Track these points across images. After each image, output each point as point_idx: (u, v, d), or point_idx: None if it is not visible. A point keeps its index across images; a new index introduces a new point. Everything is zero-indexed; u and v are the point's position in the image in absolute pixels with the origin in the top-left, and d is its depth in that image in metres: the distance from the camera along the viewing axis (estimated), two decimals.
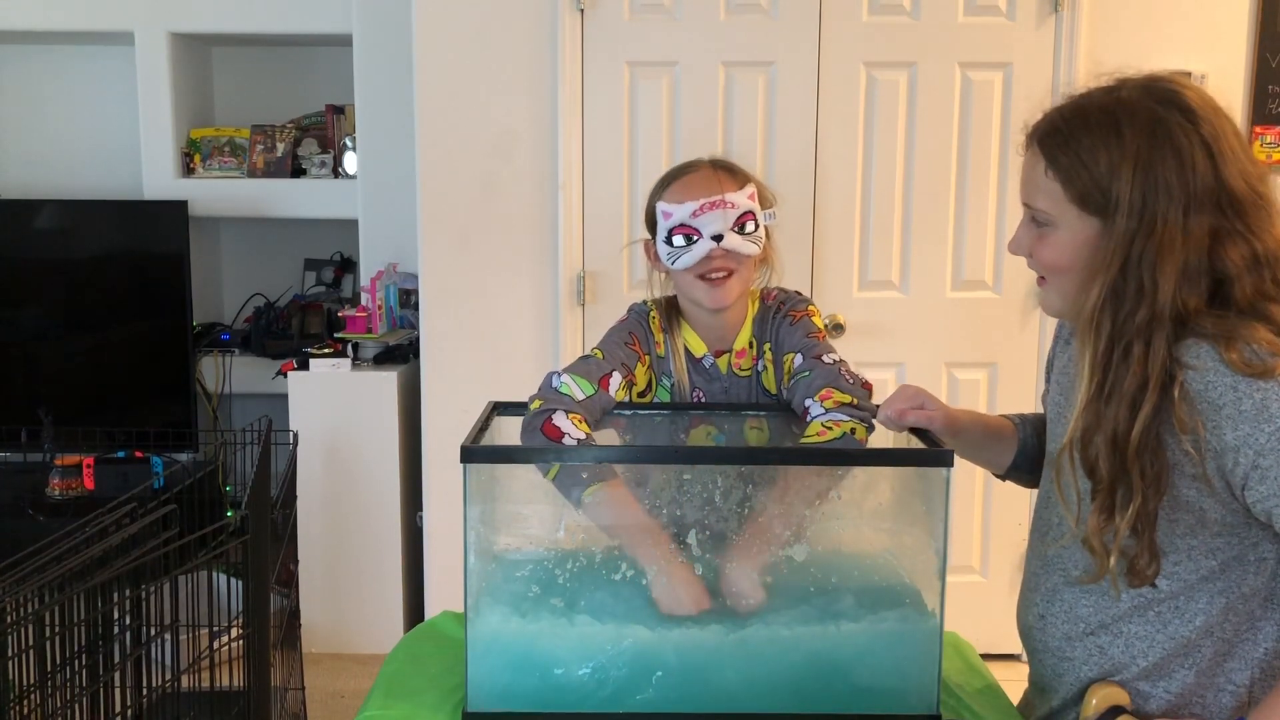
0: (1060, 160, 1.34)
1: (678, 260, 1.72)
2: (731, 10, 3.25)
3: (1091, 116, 1.33)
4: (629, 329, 1.80)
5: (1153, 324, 1.28)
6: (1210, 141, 1.29)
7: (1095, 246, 1.33)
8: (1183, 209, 1.28)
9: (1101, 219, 1.32)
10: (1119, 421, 1.29)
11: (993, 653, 3.24)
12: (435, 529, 3.43)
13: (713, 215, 1.70)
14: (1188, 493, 1.31)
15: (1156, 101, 1.31)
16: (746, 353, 1.79)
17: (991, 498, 3.40)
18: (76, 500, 3.44)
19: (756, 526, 1.49)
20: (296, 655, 2.77)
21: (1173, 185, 1.28)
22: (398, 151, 3.63)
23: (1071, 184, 1.33)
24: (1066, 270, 1.37)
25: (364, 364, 3.57)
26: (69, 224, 3.83)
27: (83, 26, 3.82)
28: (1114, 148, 1.30)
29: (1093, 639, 1.42)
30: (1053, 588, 1.46)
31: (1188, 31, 3.22)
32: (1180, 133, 1.28)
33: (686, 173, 1.78)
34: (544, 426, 1.58)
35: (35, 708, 1.64)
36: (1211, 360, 1.27)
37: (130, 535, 1.81)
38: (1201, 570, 1.35)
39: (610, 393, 1.68)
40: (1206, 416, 1.27)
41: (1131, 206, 1.29)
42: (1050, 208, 1.36)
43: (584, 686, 1.43)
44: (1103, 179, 1.30)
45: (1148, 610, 1.38)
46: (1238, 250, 1.29)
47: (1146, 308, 1.28)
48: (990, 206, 3.32)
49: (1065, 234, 1.36)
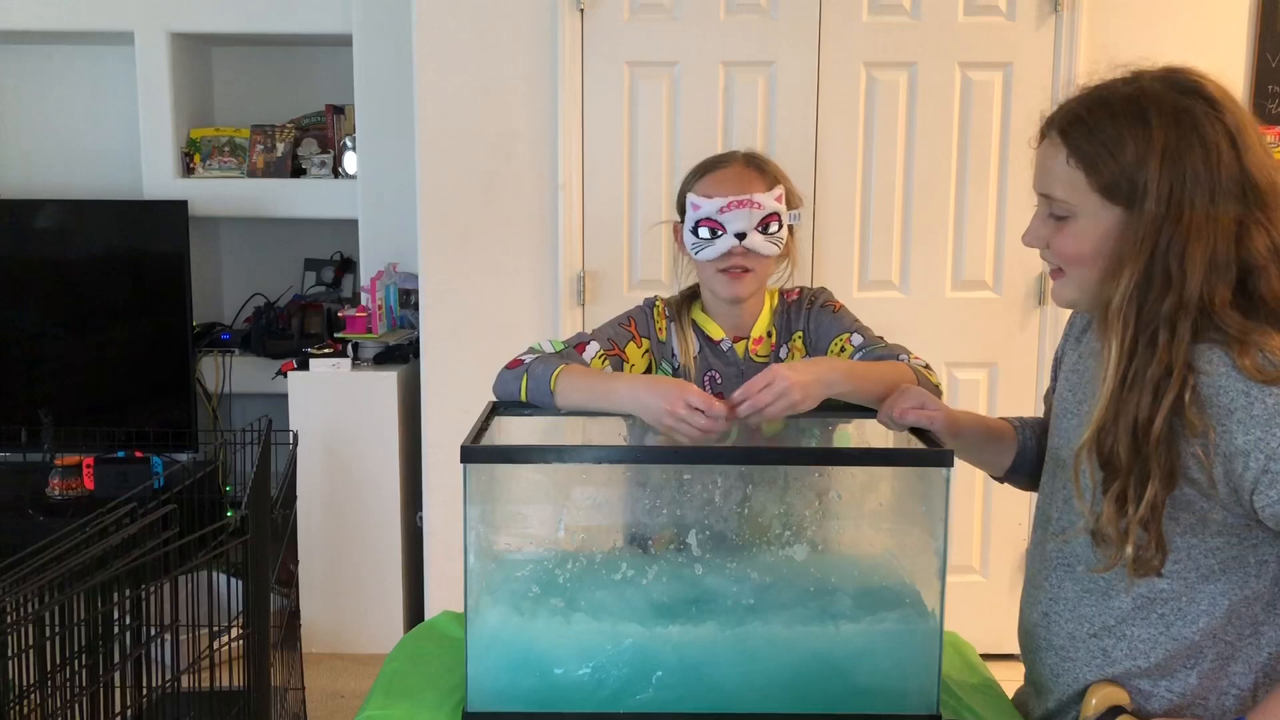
0: (1084, 149, 1.33)
1: (700, 252, 1.82)
2: (731, 10, 3.25)
3: (1115, 105, 1.33)
4: (629, 314, 1.92)
5: (1179, 313, 1.28)
6: (1234, 131, 1.29)
7: (1117, 236, 1.33)
8: (1210, 197, 1.28)
9: (1125, 208, 1.32)
10: (1140, 409, 1.29)
11: (993, 653, 3.24)
12: (435, 529, 3.43)
13: (739, 214, 1.78)
14: (1193, 493, 1.31)
15: (1180, 92, 1.31)
16: (764, 340, 1.89)
17: (991, 498, 3.40)
18: (76, 500, 3.44)
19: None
20: (296, 655, 2.77)
21: (1200, 173, 1.28)
22: (398, 151, 3.63)
23: (1096, 173, 1.33)
24: (1086, 260, 1.37)
25: (364, 364, 3.57)
26: (69, 224, 3.82)
27: (83, 26, 3.81)
28: (1140, 136, 1.30)
29: (1096, 641, 1.42)
30: (1056, 585, 1.46)
31: (1188, 31, 3.22)
32: (1206, 122, 1.29)
33: (720, 166, 1.85)
34: (509, 364, 1.75)
35: (35, 708, 1.64)
36: (1224, 365, 1.27)
37: (130, 535, 1.81)
38: (1201, 569, 1.35)
39: (584, 358, 1.80)
40: (1217, 420, 1.27)
41: (1159, 195, 1.29)
42: (1070, 197, 1.35)
43: (584, 686, 1.43)
44: (1129, 167, 1.30)
45: (1150, 612, 1.38)
46: (1261, 240, 1.29)
47: (1174, 296, 1.28)
48: (990, 206, 3.32)
49: (1086, 224, 1.35)
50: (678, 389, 1.57)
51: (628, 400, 1.62)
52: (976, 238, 3.33)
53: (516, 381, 1.71)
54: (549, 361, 1.71)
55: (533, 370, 1.70)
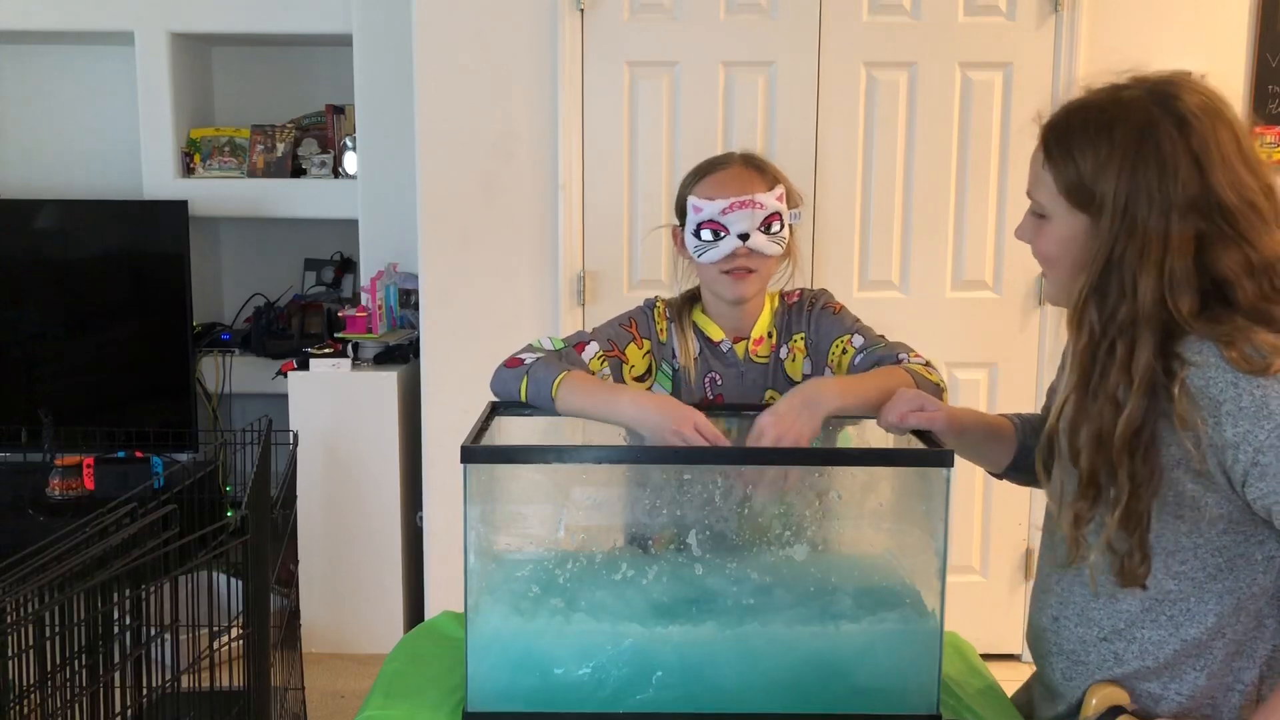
0: (1054, 154, 1.37)
1: (704, 254, 1.82)
2: (731, 10, 3.25)
3: (1089, 114, 1.35)
4: (630, 315, 1.91)
5: (1136, 324, 1.30)
6: (1199, 151, 1.29)
7: (1082, 243, 1.36)
8: (1163, 214, 1.29)
9: (1089, 215, 1.34)
10: (1104, 419, 1.31)
11: (993, 653, 3.25)
12: (435, 529, 3.43)
13: (741, 214, 1.78)
14: (1192, 489, 1.31)
15: (1155, 104, 1.32)
16: (764, 341, 1.88)
17: (991, 498, 3.40)
18: (76, 500, 3.44)
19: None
20: (296, 655, 2.77)
21: (1154, 191, 1.29)
22: (398, 151, 3.63)
23: (1061, 178, 1.36)
24: (1056, 262, 1.41)
25: (364, 364, 3.57)
26: (69, 224, 3.82)
27: (83, 26, 3.81)
28: (1102, 147, 1.32)
29: (1107, 644, 1.42)
30: (1065, 589, 1.46)
31: (1188, 31, 3.22)
32: (1167, 140, 1.30)
33: (719, 168, 1.86)
34: (507, 361, 1.74)
35: (35, 708, 1.63)
36: (1213, 357, 1.28)
37: (130, 535, 1.81)
38: (1208, 568, 1.35)
39: (584, 358, 1.80)
40: (1207, 413, 1.27)
41: (1115, 207, 1.31)
42: (1046, 200, 1.40)
43: (584, 686, 1.43)
44: (1088, 177, 1.33)
45: (1160, 614, 1.38)
46: (1231, 256, 1.30)
47: (1128, 307, 1.31)
48: (990, 206, 3.32)
49: (1057, 227, 1.39)
50: (688, 412, 1.57)
51: (631, 412, 1.61)
52: (976, 238, 3.33)
53: (516, 381, 1.70)
54: (551, 365, 1.70)
55: (534, 372, 1.69)
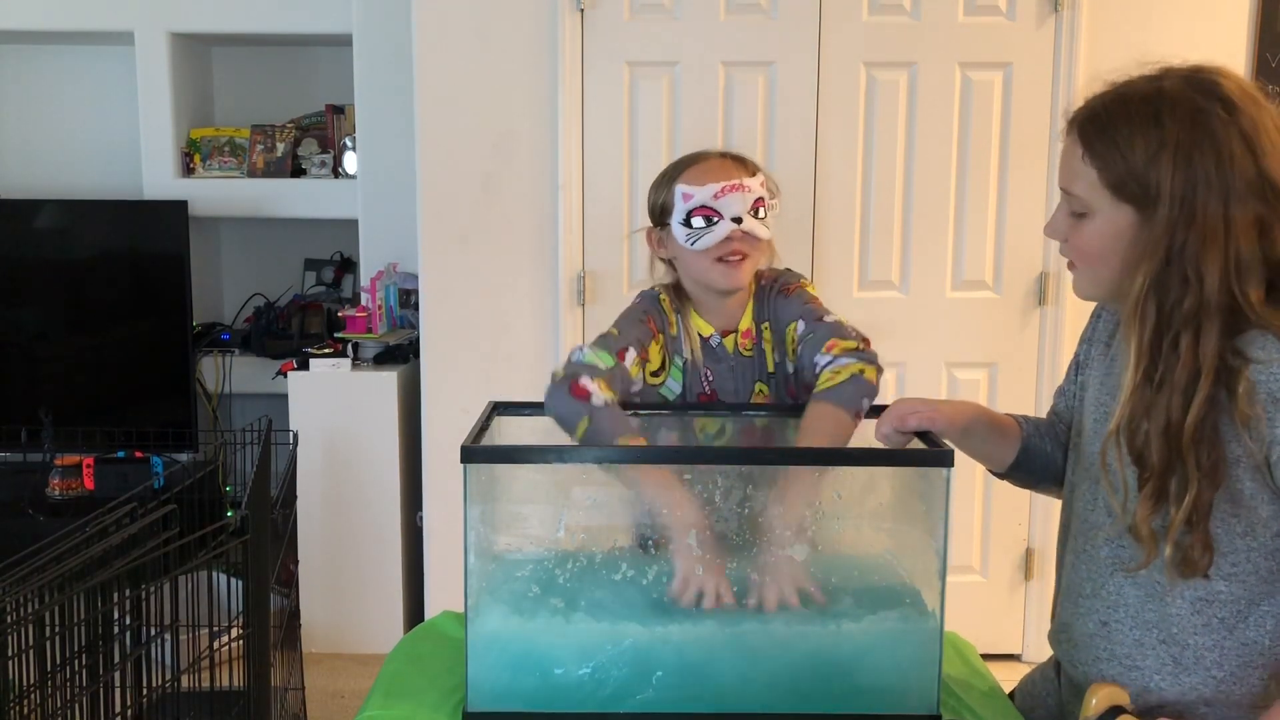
0: (1097, 147, 1.34)
1: (698, 241, 1.77)
2: (731, 10, 3.25)
3: (1132, 105, 1.32)
4: (644, 309, 1.85)
5: (1201, 314, 1.28)
6: (1250, 134, 1.28)
7: (1130, 236, 1.33)
8: (1223, 200, 1.27)
9: (1136, 208, 1.32)
10: (1172, 411, 1.28)
11: (993, 653, 3.25)
12: (435, 529, 3.43)
13: (733, 198, 1.76)
14: (1250, 487, 1.30)
15: (1197, 92, 1.30)
16: (750, 333, 1.85)
17: (991, 498, 3.40)
18: (76, 500, 3.44)
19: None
20: (296, 655, 2.77)
21: (1212, 176, 1.27)
22: (398, 151, 3.63)
23: (1108, 171, 1.33)
24: (1100, 259, 1.37)
25: (364, 364, 3.57)
26: (69, 224, 3.82)
27: (83, 26, 3.81)
28: (1153, 137, 1.30)
29: (1165, 648, 1.38)
30: (1115, 591, 1.42)
31: (1188, 31, 3.22)
32: (1219, 124, 1.28)
33: (700, 160, 1.83)
34: (572, 386, 1.61)
35: (35, 708, 1.63)
36: (1278, 353, 1.26)
37: (130, 535, 1.81)
38: (1260, 572, 1.33)
39: (626, 365, 1.73)
40: (1267, 409, 1.25)
41: (1172, 197, 1.28)
42: (1086, 194, 1.36)
43: (584, 686, 1.43)
44: (1139, 168, 1.30)
45: (1211, 616, 1.35)
46: None
47: (1193, 297, 1.28)
48: (990, 206, 3.32)
49: (1100, 222, 1.35)
50: (719, 568, 1.46)
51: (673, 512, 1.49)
52: (976, 238, 3.33)
53: (576, 419, 1.59)
54: (614, 418, 1.59)
55: (598, 422, 1.58)
